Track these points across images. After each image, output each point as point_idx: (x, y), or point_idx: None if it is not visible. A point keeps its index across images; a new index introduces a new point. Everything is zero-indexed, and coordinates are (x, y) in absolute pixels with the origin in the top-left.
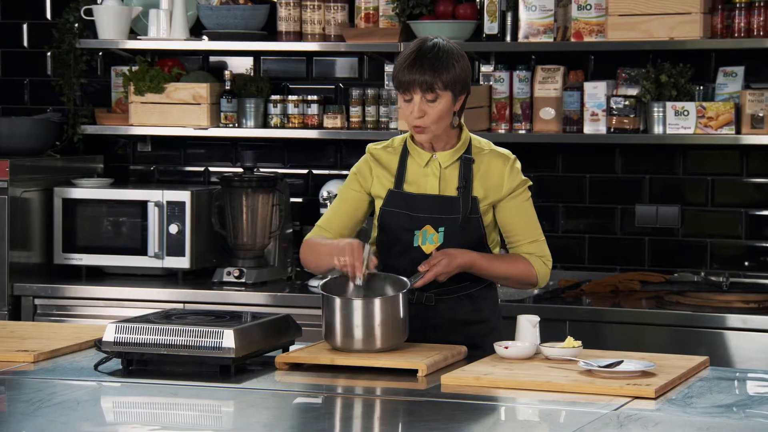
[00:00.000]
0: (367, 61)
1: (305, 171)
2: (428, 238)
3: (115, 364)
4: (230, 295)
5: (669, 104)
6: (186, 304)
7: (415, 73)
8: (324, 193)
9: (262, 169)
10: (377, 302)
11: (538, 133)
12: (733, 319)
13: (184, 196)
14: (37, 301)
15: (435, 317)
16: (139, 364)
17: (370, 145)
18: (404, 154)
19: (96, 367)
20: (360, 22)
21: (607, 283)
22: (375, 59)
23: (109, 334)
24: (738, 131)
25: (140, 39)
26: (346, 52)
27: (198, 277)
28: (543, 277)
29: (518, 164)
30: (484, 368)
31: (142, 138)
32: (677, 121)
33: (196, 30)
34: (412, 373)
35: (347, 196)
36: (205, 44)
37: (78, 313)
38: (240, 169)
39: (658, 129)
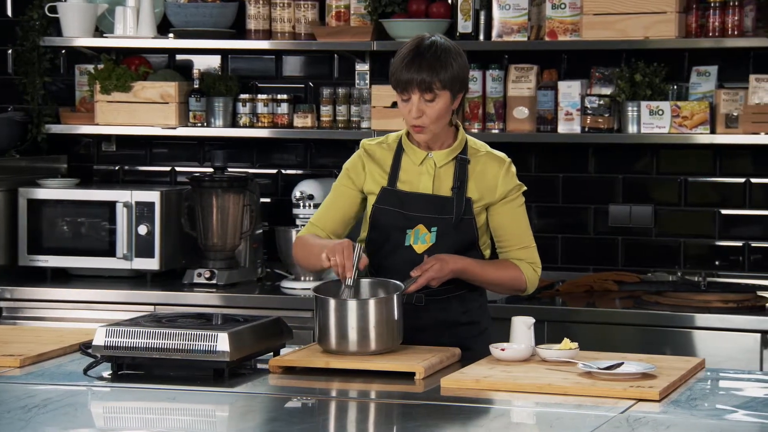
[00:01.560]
0: (338, 60)
1: (274, 171)
2: (420, 238)
3: (104, 368)
4: (202, 297)
5: (644, 104)
6: (157, 307)
7: (413, 72)
8: (297, 193)
9: (230, 169)
10: (372, 303)
11: (511, 132)
12: (713, 319)
13: (153, 196)
14: (2, 304)
15: (424, 318)
16: (129, 368)
17: (364, 141)
18: (399, 151)
19: (85, 371)
20: (331, 21)
21: (582, 283)
22: (346, 58)
23: (100, 338)
24: (713, 131)
25: (107, 37)
26: (318, 50)
27: (167, 278)
28: (532, 284)
29: (513, 168)
30: (482, 371)
31: (107, 137)
32: (652, 120)
33: (162, 28)
34: (407, 376)
35: (340, 192)
36: (174, 42)
37: (44, 316)
38: (208, 169)
39: (632, 128)
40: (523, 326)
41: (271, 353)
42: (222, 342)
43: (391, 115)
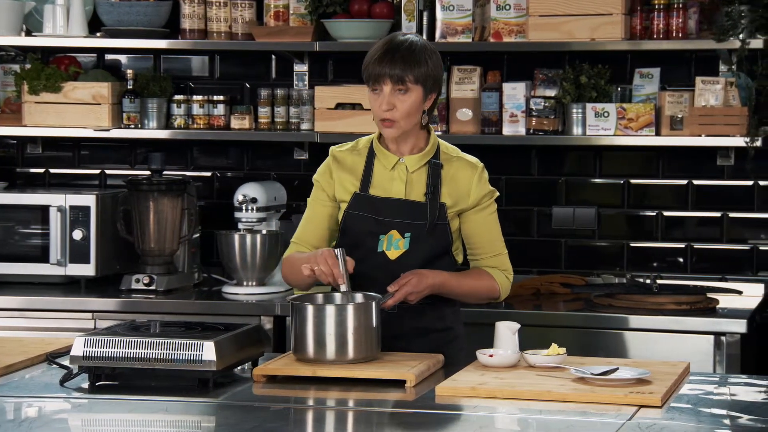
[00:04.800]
0: (275, 61)
1: (209, 174)
2: (393, 244)
3: (81, 379)
4: (145, 304)
5: (589, 105)
6: (95, 314)
7: (386, 65)
8: (239, 196)
9: (165, 172)
10: (350, 309)
11: (455, 134)
12: (667, 321)
13: (88, 200)
14: None
15: (398, 326)
16: (108, 378)
17: (333, 148)
18: (371, 156)
19: (62, 383)
20: (269, 21)
21: (529, 285)
22: (283, 58)
23: (78, 348)
24: (657, 133)
25: (36, 36)
26: (255, 51)
27: (102, 284)
28: (505, 291)
29: (486, 174)
30: (474, 377)
31: (33, 139)
32: (597, 122)
33: (91, 26)
34: (394, 384)
35: (314, 205)
36: (108, 42)
37: None
38: (140, 172)
39: (577, 130)
40: (508, 332)
41: (249, 362)
42: (208, 351)
43: (335, 117)
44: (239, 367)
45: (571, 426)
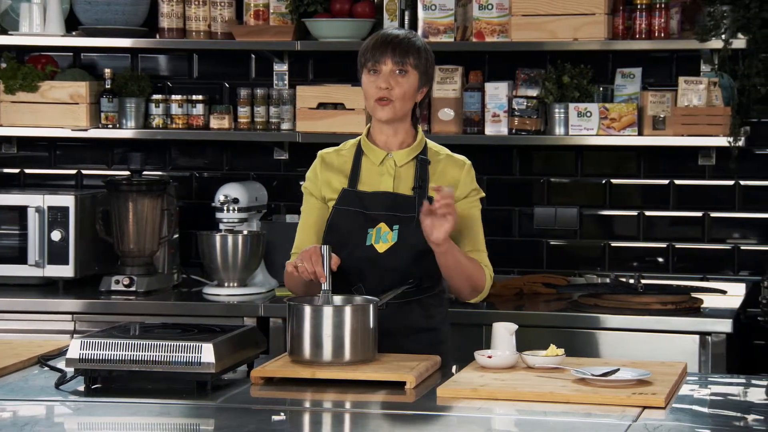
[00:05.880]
0: (255, 60)
1: (188, 174)
2: (382, 237)
3: (77, 382)
4: (127, 305)
5: (572, 105)
6: (75, 315)
7: (388, 47)
8: (221, 197)
9: (143, 173)
10: (348, 310)
11: (437, 134)
12: (652, 321)
13: (67, 200)
14: None
15: (386, 323)
16: (104, 381)
17: (321, 151)
18: (358, 154)
19: (57, 385)
20: (249, 20)
21: (512, 285)
22: (263, 58)
23: (74, 351)
24: (640, 132)
25: (12, 34)
26: (234, 50)
27: (81, 285)
28: (487, 287)
29: (473, 172)
30: (474, 378)
31: (7, 139)
32: (580, 122)
33: (68, 25)
34: (392, 386)
35: (308, 211)
36: (86, 41)
37: None
38: (117, 172)
39: (559, 130)
40: (505, 332)
41: (245, 364)
42: (207, 353)
43: (317, 117)
44: (234, 369)
45: (577, 428)
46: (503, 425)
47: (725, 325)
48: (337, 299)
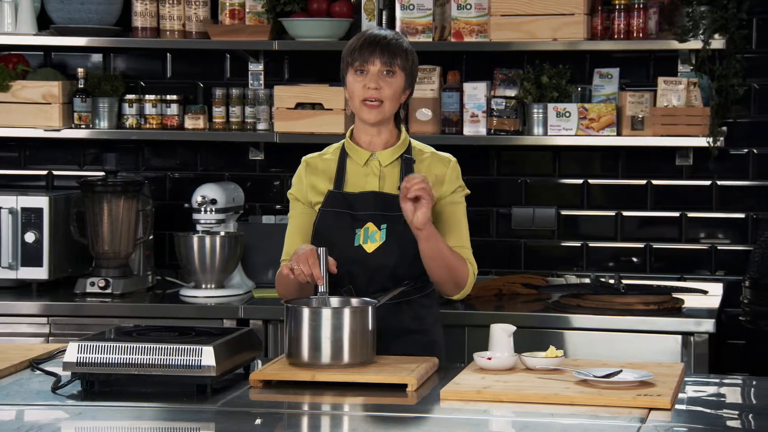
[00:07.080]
0: (230, 60)
1: (162, 174)
2: (370, 237)
3: (74, 386)
4: (103, 308)
5: (550, 105)
6: (51, 318)
7: (376, 48)
8: (198, 198)
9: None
10: (347, 312)
11: (414, 134)
12: (635, 322)
13: (41, 202)
14: None
15: (377, 324)
16: (102, 385)
17: (306, 156)
18: (342, 157)
19: (54, 389)
20: (225, 19)
21: (491, 286)
22: (238, 57)
23: (72, 354)
24: (619, 133)
25: None
26: (208, 50)
27: (54, 288)
28: (470, 283)
29: (458, 168)
30: (475, 380)
31: None
32: (559, 122)
33: (40, 23)
34: (393, 388)
35: (295, 216)
36: (56, 40)
37: None
38: (91, 173)
39: (537, 130)
40: (503, 334)
41: (241, 368)
42: (207, 356)
43: (294, 117)
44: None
45: (588, 429)
46: (511, 428)
47: (708, 325)
48: (334, 301)
